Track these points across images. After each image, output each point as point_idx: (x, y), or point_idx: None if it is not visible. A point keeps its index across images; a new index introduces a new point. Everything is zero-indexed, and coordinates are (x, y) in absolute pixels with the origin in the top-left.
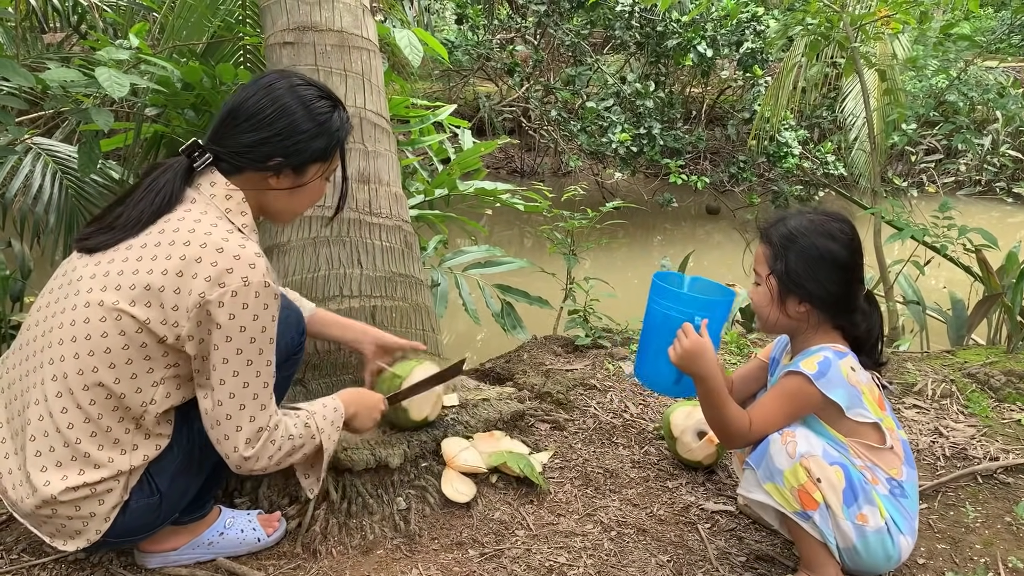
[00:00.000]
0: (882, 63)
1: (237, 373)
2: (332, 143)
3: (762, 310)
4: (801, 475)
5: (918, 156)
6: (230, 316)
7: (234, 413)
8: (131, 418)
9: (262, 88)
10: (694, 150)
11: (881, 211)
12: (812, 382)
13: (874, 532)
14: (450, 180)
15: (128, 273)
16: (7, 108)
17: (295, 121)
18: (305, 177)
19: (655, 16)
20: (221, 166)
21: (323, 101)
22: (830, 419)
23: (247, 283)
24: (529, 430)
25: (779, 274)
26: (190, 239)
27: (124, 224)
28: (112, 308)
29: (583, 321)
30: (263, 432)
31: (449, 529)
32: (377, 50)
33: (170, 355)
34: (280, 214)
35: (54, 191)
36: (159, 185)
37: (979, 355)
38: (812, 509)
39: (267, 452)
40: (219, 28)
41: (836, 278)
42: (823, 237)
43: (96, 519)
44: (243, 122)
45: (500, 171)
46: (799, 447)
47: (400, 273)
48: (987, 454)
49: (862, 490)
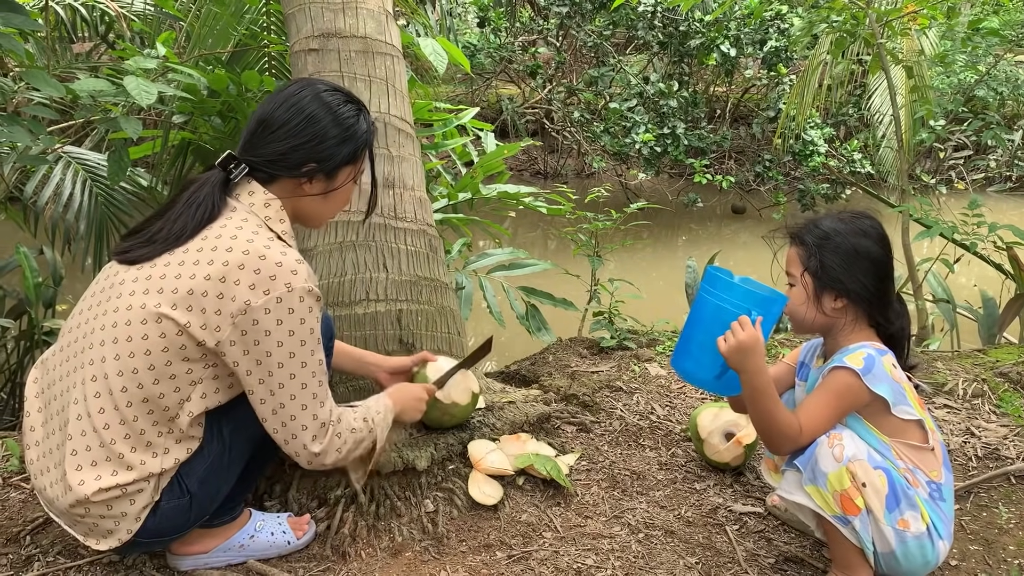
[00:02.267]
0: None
1: (294, 376)
2: (360, 146)
3: (797, 310)
4: (846, 480)
5: (947, 152)
6: (278, 321)
7: (297, 414)
8: (165, 420)
9: (289, 97)
10: (719, 149)
11: (909, 209)
12: (860, 377)
13: (914, 538)
14: (473, 184)
15: (171, 278)
16: (38, 118)
17: (324, 127)
18: (336, 181)
19: (678, 16)
20: (257, 176)
21: (349, 106)
22: (874, 417)
23: (291, 289)
24: (555, 432)
25: (814, 270)
26: (232, 246)
27: (166, 238)
28: (154, 311)
29: (608, 323)
30: (328, 427)
31: (476, 531)
32: (400, 55)
33: (208, 359)
34: (313, 219)
35: (84, 198)
36: (199, 199)
37: (1011, 354)
38: (853, 515)
39: (335, 446)
40: (244, 36)
41: (871, 273)
42: (856, 234)
43: (127, 519)
44: (274, 131)
45: (524, 173)
46: (846, 450)
47: (425, 277)
48: (1020, 454)
49: (904, 495)
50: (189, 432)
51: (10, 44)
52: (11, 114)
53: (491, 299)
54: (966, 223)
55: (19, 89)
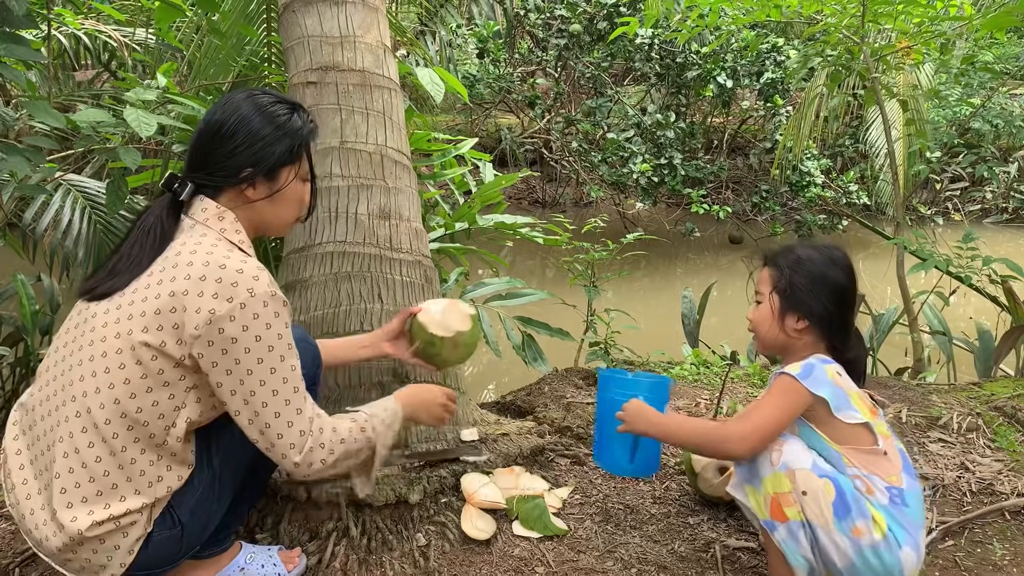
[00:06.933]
0: (904, 93)
1: (264, 382)
2: (296, 143)
3: (761, 327)
4: (783, 484)
5: (943, 184)
6: (243, 328)
7: (272, 421)
8: (153, 447)
9: (220, 105)
10: (716, 180)
11: (904, 241)
12: (798, 380)
13: (870, 547)
14: (470, 214)
15: (138, 303)
16: (39, 148)
17: (254, 127)
18: (279, 182)
19: (675, 48)
20: (205, 191)
21: (280, 105)
22: (822, 425)
23: (254, 294)
24: (549, 465)
25: (782, 290)
26: (192, 260)
27: (127, 267)
28: (127, 338)
29: (604, 353)
30: (306, 436)
31: (468, 566)
32: (398, 88)
33: (187, 378)
34: (271, 225)
35: (83, 226)
36: (147, 225)
37: (1006, 387)
38: (780, 521)
39: (317, 456)
40: (244, 67)
41: (835, 299)
42: (826, 263)
43: (120, 552)
44: (208, 141)
45: (522, 202)
46: (784, 457)
47: None
48: (1015, 489)
49: (855, 502)
50: (180, 457)
51: (11, 74)
52: (10, 143)
53: (488, 329)
54: (960, 256)
55: (20, 117)
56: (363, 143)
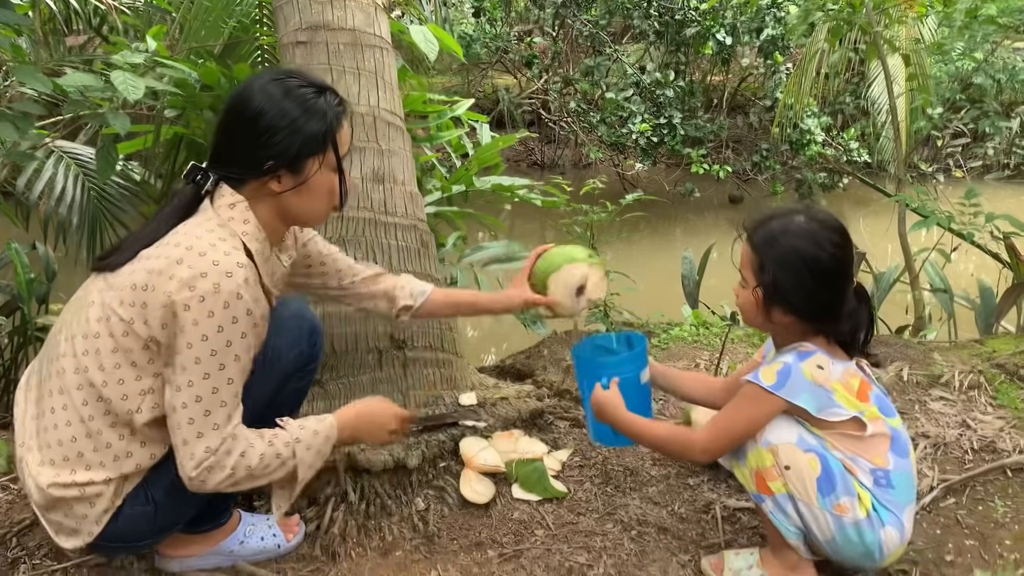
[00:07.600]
0: (906, 47)
1: (192, 383)
2: (321, 131)
3: (747, 313)
4: (765, 459)
5: (944, 140)
6: (194, 322)
7: (183, 425)
8: (122, 424)
9: (235, 98)
10: (716, 139)
11: (905, 198)
12: (771, 392)
13: (852, 524)
14: (467, 176)
15: (125, 275)
16: (27, 114)
17: (275, 118)
18: (304, 174)
19: (673, 4)
20: (230, 181)
21: (305, 89)
22: (802, 415)
23: (217, 290)
24: (548, 428)
25: (766, 286)
26: (180, 242)
27: (130, 244)
28: (107, 307)
29: (604, 315)
30: (210, 455)
31: (468, 530)
32: (390, 48)
33: (155, 362)
34: (302, 217)
35: (77, 193)
36: (167, 209)
37: (1008, 344)
38: (767, 494)
39: (216, 476)
40: (235, 29)
41: (822, 290)
42: (812, 247)
43: (87, 521)
44: (228, 133)
45: (520, 164)
46: (766, 434)
47: (416, 272)
48: (1016, 447)
49: (841, 479)
50: (153, 436)
51: None
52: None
53: None
54: (963, 213)
55: (10, 83)
56: (355, 104)
